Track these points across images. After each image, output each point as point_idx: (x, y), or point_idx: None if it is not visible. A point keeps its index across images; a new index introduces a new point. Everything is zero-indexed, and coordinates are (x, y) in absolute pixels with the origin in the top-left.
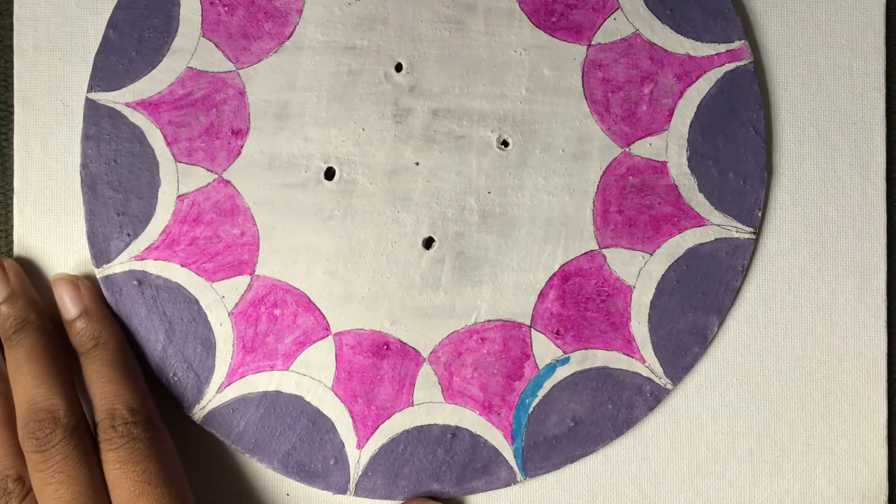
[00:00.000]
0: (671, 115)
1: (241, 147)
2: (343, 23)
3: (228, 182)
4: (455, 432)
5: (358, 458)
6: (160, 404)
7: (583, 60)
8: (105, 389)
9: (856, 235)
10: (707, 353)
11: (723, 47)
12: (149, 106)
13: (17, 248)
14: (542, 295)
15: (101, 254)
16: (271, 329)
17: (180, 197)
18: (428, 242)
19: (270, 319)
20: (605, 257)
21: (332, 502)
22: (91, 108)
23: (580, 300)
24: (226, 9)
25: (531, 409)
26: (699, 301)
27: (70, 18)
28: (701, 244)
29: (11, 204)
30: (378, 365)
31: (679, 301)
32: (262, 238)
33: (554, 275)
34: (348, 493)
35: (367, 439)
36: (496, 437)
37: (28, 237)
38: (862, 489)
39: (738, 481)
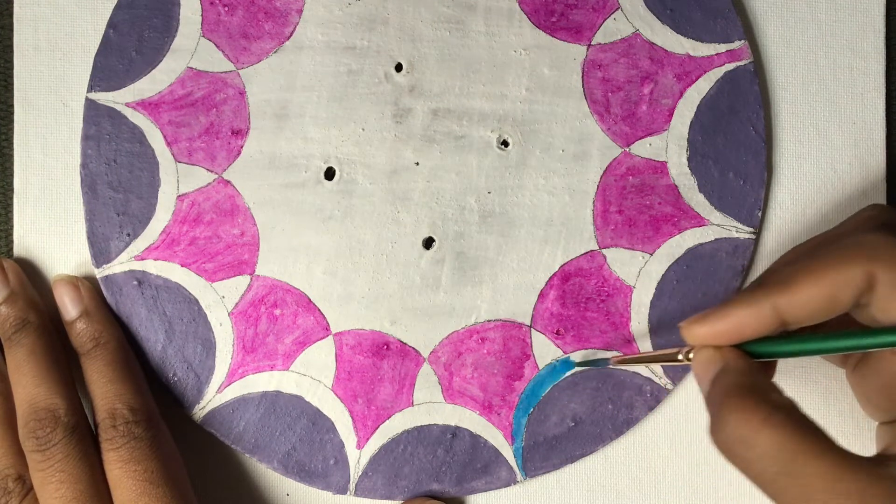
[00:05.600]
0: (671, 115)
1: (241, 147)
2: (343, 23)
3: (228, 182)
4: (455, 432)
5: (358, 458)
6: (160, 404)
7: (583, 60)
8: (106, 389)
9: None
10: None
11: (723, 47)
12: (149, 106)
13: (17, 248)
14: (542, 295)
15: (101, 254)
16: (271, 329)
17: (180, 197)
18: (428, 242)
19: (270, 319)
20: (605, 257)
21: (332, 502)
22: (91, 108)
23: (580, 300)
24: (226, 9)
25: (531, 409)
26: (699, 301)
27: (70, 18)
28: (701, 244)
29: (11, 204)
30: (378, 365)
31: (679, 301)
32: (262, 238)
33: (554, 275)
34: (348, 493)
35: (367, 439)
36: (496, 437)
37: (28, 237)
38: None
39: (738, 481)
